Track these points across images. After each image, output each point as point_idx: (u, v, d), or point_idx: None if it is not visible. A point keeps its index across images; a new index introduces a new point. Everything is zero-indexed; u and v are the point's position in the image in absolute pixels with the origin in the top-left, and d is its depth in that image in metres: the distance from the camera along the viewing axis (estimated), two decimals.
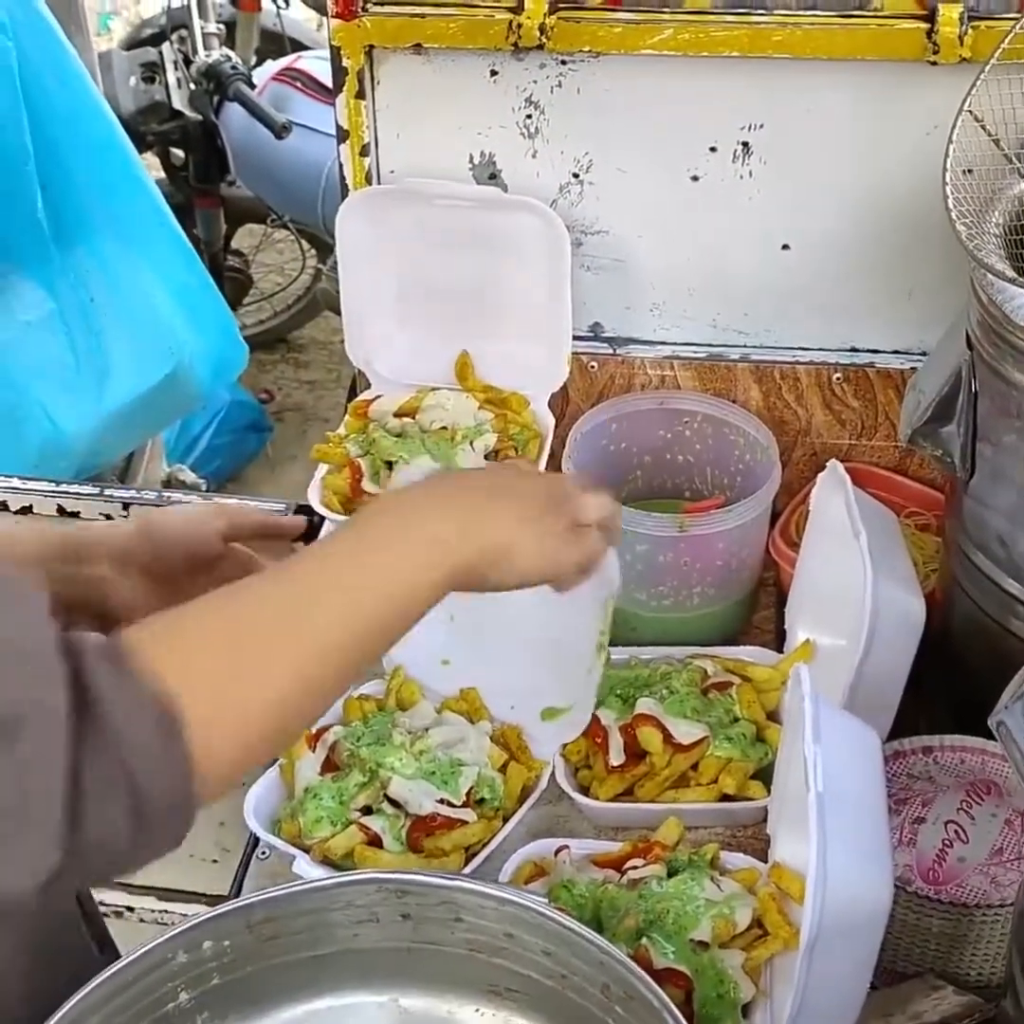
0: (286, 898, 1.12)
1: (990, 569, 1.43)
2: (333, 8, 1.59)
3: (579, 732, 1.45)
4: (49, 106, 2.08)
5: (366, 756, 1.42)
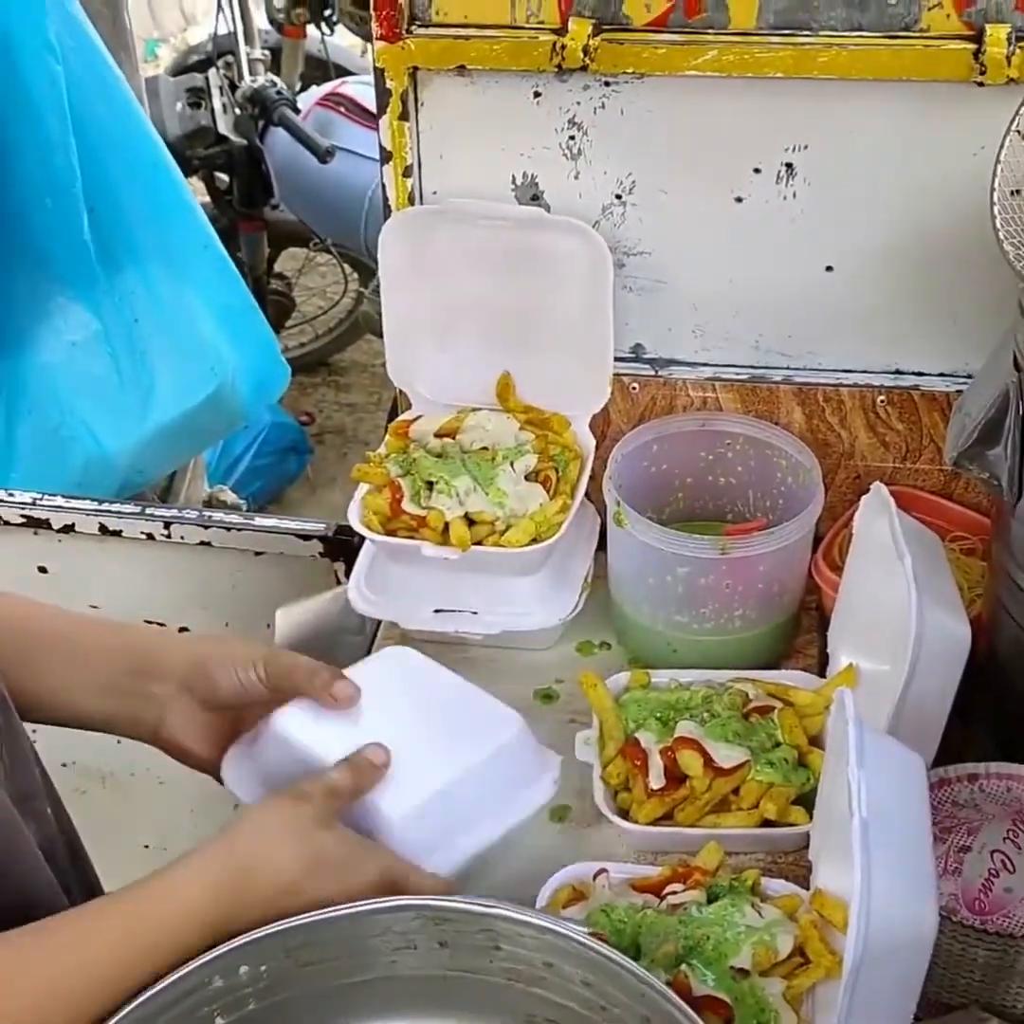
0: (325, 923, 1.11)
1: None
2: (378, 30, 1.60)
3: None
4: (97, 130, 2.10)
5: None
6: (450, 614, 1.67)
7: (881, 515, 1.48)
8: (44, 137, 2.04)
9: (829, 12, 1.54)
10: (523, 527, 1.60)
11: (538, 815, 1.40)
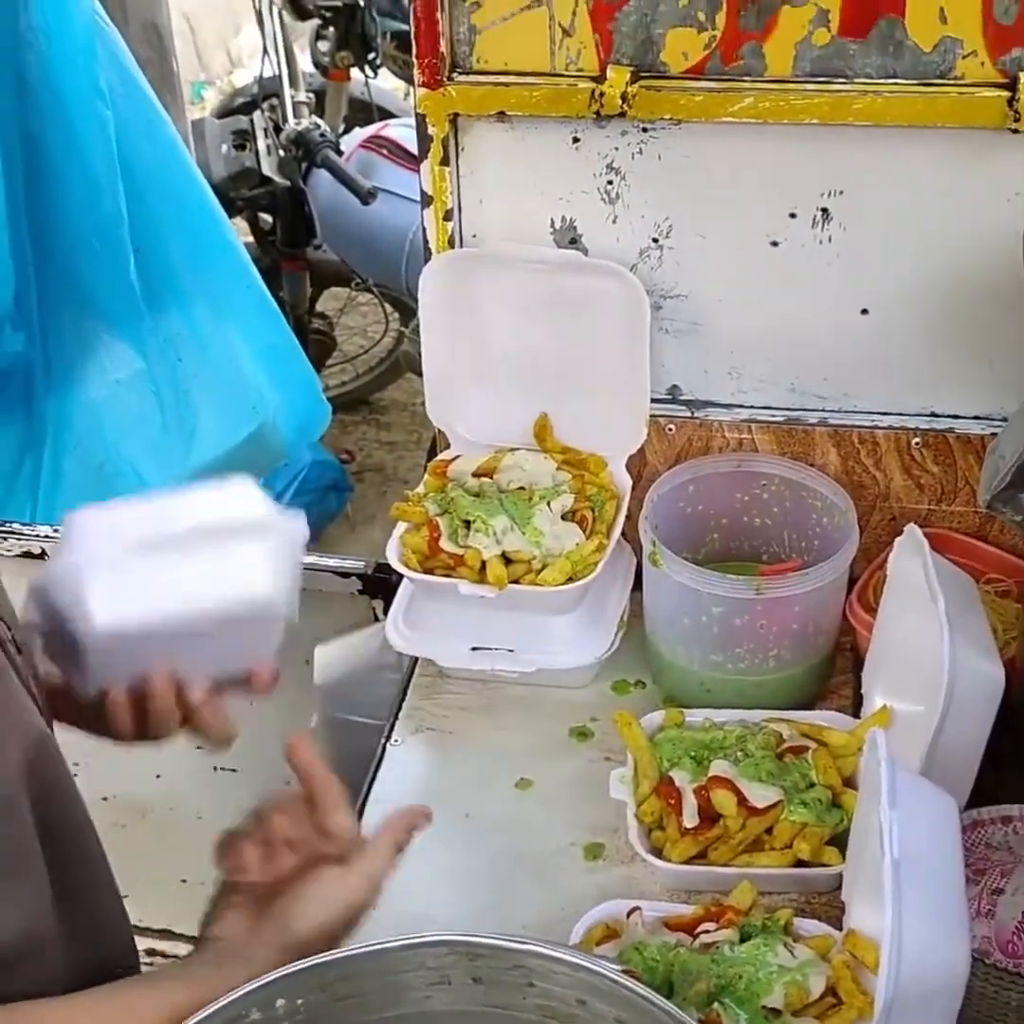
0: (360, 958, 1.12)
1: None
2: (420, 77, 1.63)
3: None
4: (144, 173, 2.14)
5: None
6: (487, 652, 1.69)
7: (915, 557, 1.49)
8: (93, 180, 2.09)
9: (864, 60, 1.56)
10: (559, 566, 1.62)
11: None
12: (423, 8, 1.59)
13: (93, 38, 2.05)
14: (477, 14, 1.60)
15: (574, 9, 1.58)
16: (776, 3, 1.54)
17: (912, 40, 1.54)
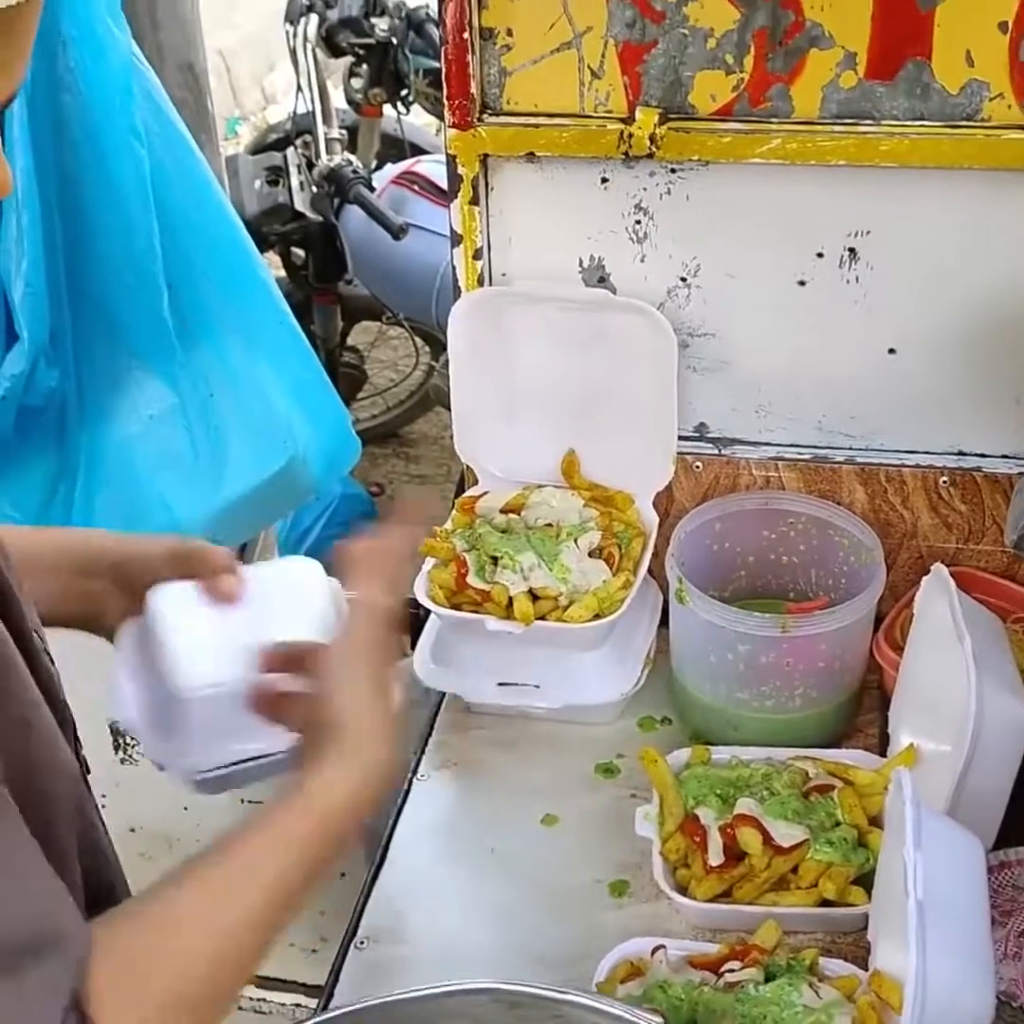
0: (400, 1004, 1.12)
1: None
2: (450, 118, 1.65)
3: None
4: (177, 210, 2.16)
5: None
6: (513, 688, 1.70)
7: (942, 596, 1.49)
8: (127, 217, 2.10)
9: (891, 102, 1.57)
10: (586, 603, 1.63)
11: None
12: (454, 51, 1.61)
13: (130, 79, 2.08)
14: (507, 56, 1.63)
15: (603, 52, 1.60)
16: (804, 46, 1.56)
17: (939, 83, 1.55)
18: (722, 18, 1.56)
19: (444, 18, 1.59)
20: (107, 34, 2.04)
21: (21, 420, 2.20)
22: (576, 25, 1.59)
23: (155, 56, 2.37)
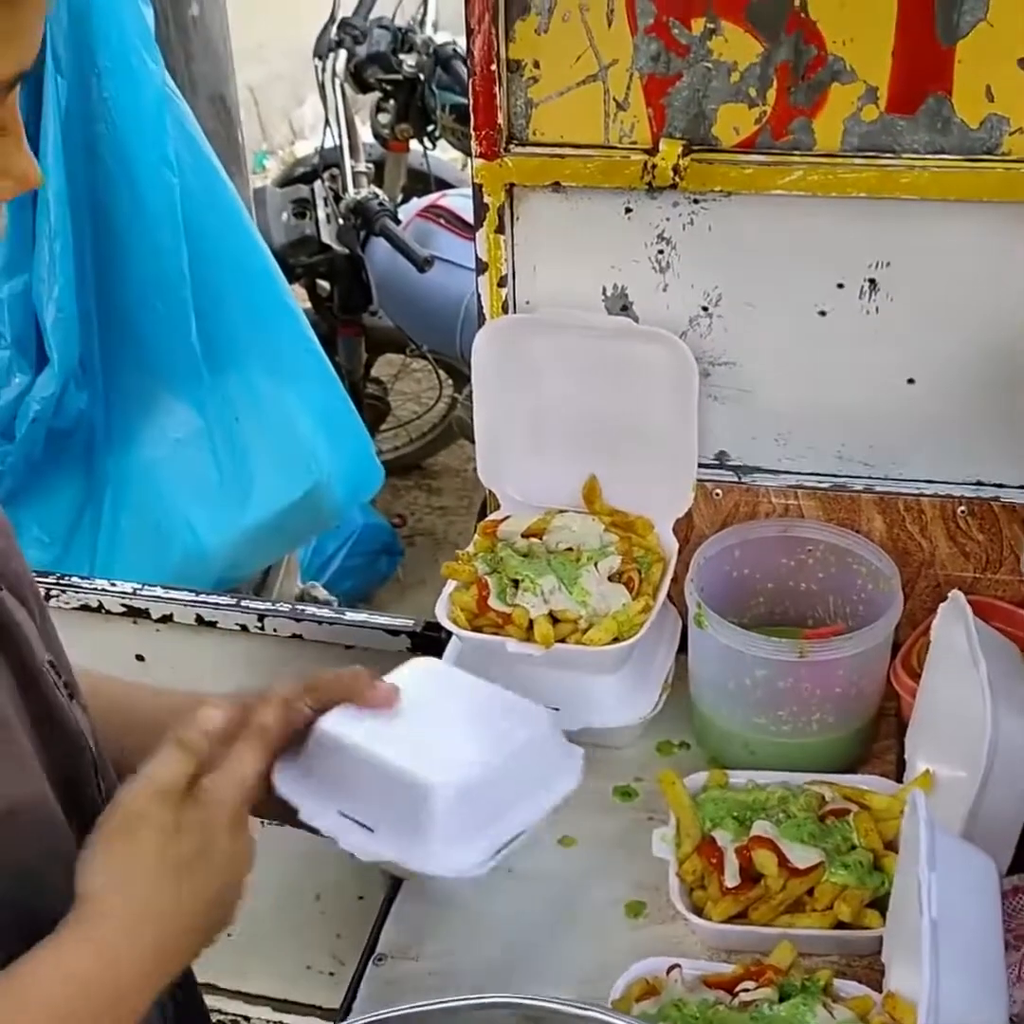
0: (420, 1016, 1.12)
1: None
2: (477, 148, 1.67)
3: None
4: (207, 238, 2.20)
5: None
6: None
7: (958, 622, 1.50)
8: (157, 244, 2.15)
9: (912, 136, 1.59)
10: (605, 626, 1.64)
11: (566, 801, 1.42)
12: (482, 82, 1.64)
13: (163, 109, 2.12)
14: (534, 88, 1.65)
15: (628, 84, 1.63)
16: (826, 81, 1.58)
17: (959, 117, 1.57)
18: (745, 52, 1.59)
19: (472, 50, 1.62)
20: (141, 65, 2.09)
21: (50, 442, 2.24)
22: (602, 58, 1.62)
23: (187, 87, 2.42)
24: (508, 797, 1.42)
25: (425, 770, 1.36)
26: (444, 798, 1.34)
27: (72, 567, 2.33)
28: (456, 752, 1.39)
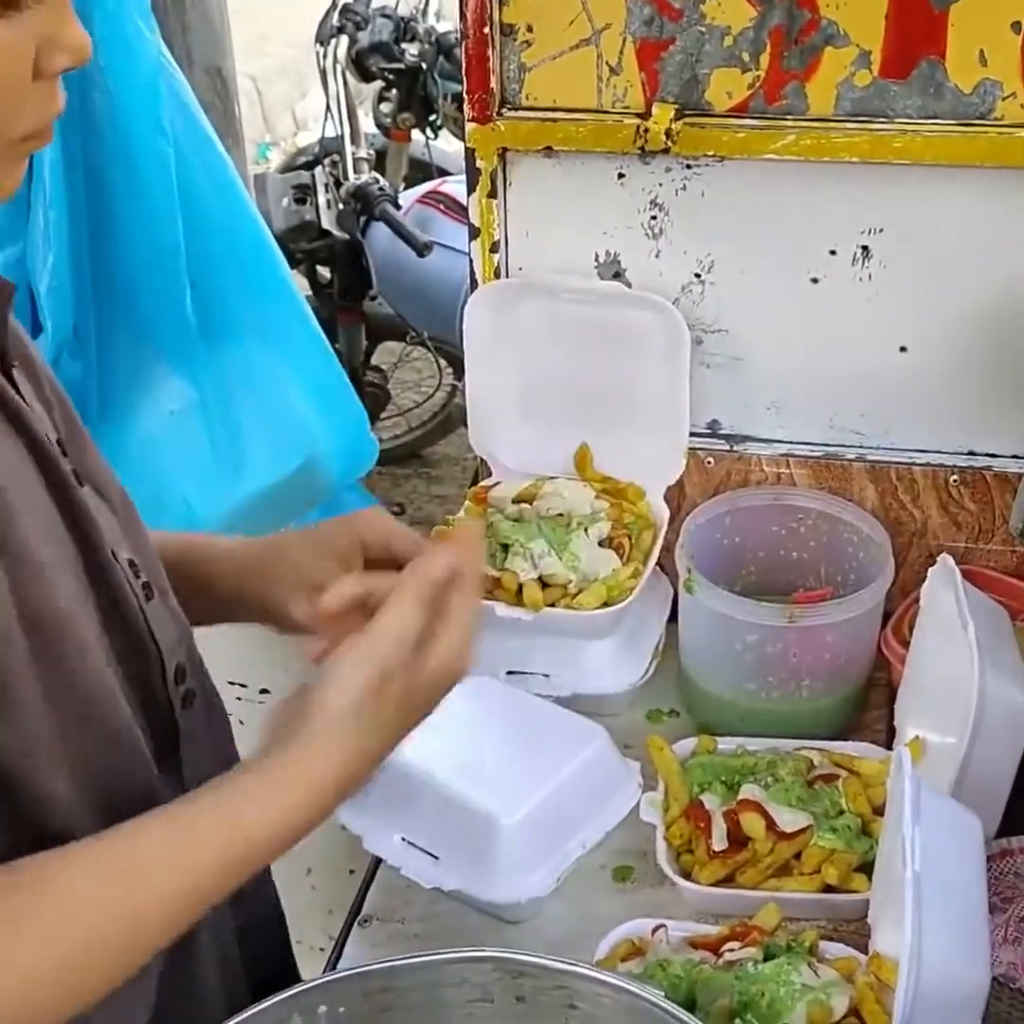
0: (402, 969, 1.11)
1: None
2: (470, 112, 1.67)
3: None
4: (203, 209, 2.19)
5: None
6: (522, 676, 1.70)
7: (947, 586, 1.49)
8: (153, 215, 2.14)
9: (905, 100, 1.59)
10: (595, 591, 1.64)
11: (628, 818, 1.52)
12: (474, 45, 1.64)
13: (158, 79, 2.11)
14: (527, 52, 1.65)
15: (621, 49, 1.63)
16: (819, 45, 1.58)
17: (952, 82, 1.57)
18: (739, 16, 1.59)
19: (465, 13, 1.62)
20: (137, 35, 2.08)
21: None
22: (595, 22, 1.62)
23: (184, 59, 2.42)
24: (569, 819, 1.50)
25: (489, 800, 1.44)
26: (508, 828, 1.43)
27: None
28: (517, 777, 1.47)
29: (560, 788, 1.49)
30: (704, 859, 1.48)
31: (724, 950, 1.36)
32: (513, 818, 1.44)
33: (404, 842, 1.50)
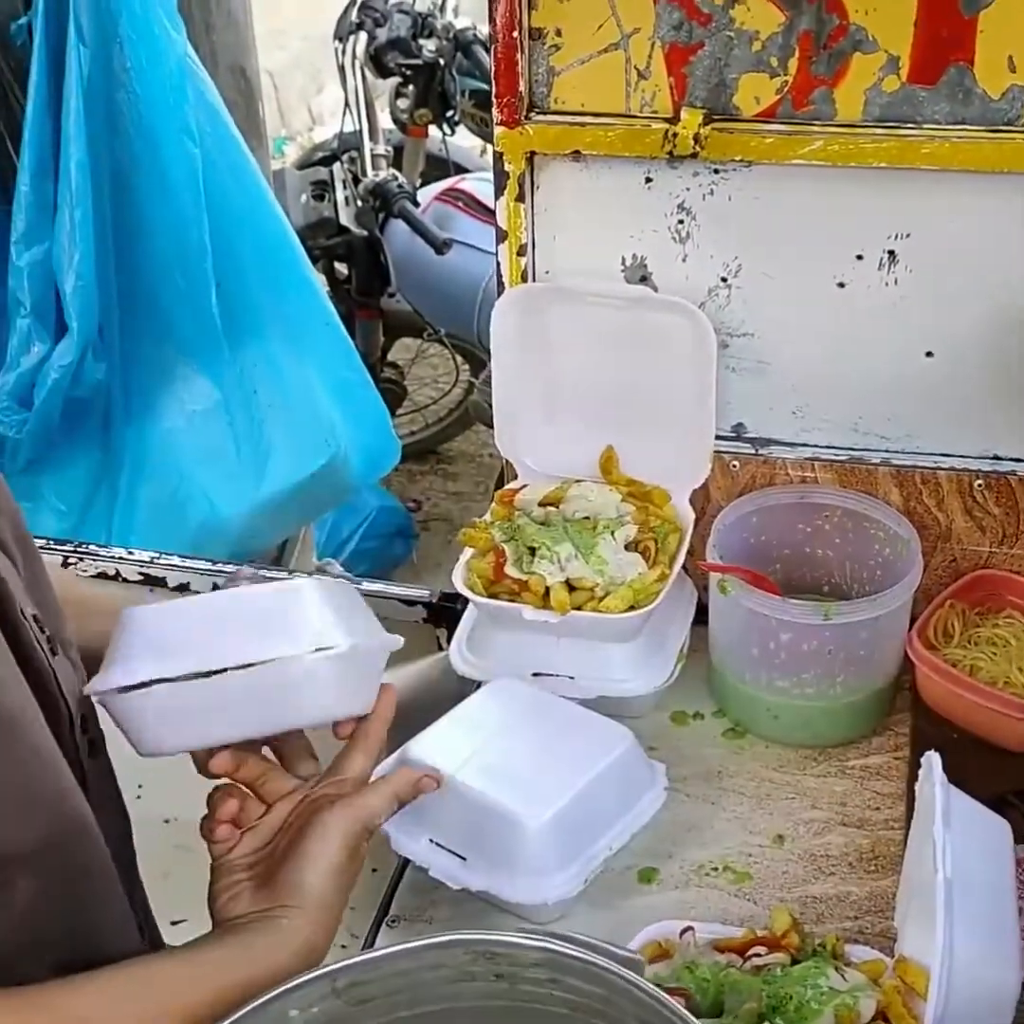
0: (369, 963, 1.10)
1: None
2: (498, 116, 1.67)
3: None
4: (227, 209, 2.20)
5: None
6: (548, 678, 1.71)
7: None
8: (178, 214, 2.15)
9: (933, 106, 1.59)
10: (621, 594, 1.64)
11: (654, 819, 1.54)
12: (503, 50, 1.64)
13: (184, 79, 2.13)
14: (556, 56, 1.65)
15: (650, 53, 1.63)
16: (847, 50, 1.58)
17: (981, 87, 1.57)
18: (767, 21, 1.59)
19: (495, 17, 1.62)
20: (163, 35, 2.10)
21: (68, 411, 2.25)
22: (624, 26, 1.62)
23: (209, 59, 2.43)
24: (596, 821, 1.51)
25: (517, 803, 1.45)
26: (535, 830, 1.44)
27: (89, 536, 2.33)
28: (544, 779, 1.47)
29: (587, 790, 1.50)
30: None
31: (751, 954, 1.36)
32: (540, 820, 1.45)
33: (432, 843, 1.52)
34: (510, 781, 1.48)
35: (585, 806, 1.49)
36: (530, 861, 1.46)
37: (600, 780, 1.51)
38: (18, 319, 2.25)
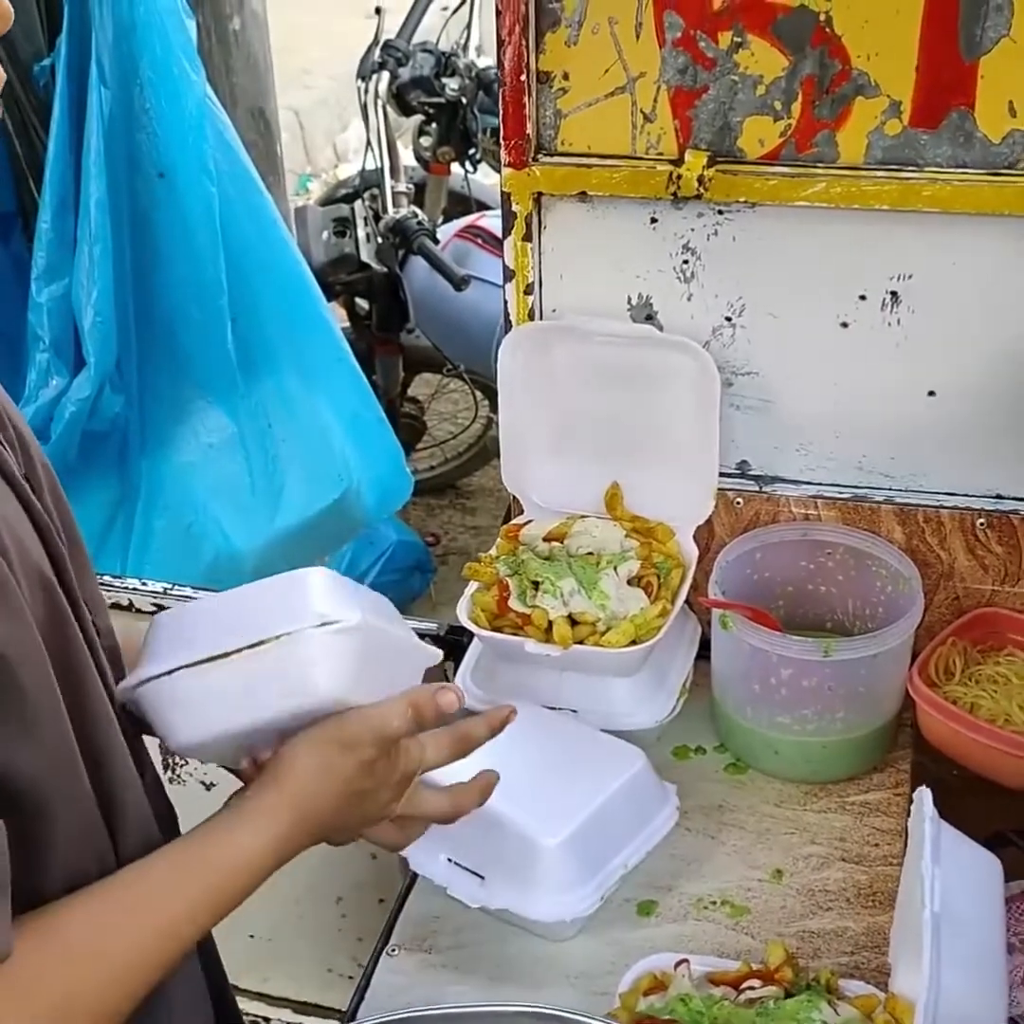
0: (450, 1018, 1.16)
1: None
2: (506, 157, 1.70)
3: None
4: (244, 247, 2.24)
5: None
6: (551, 711, 1.72)
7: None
8: (195, 252, 2.19)
9: (935, 150, 1.61)
10: (623, 629, 1.66)
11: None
12: (512, 93, 1.67)
13: (202, 120, 2.17)
14: (563, 99, 1.68)
15: (656, 96, 1.66)
16: (850, 94, 1.61)
17: (982, 132, 1.59)
18: (771, 66, 1.61)
19: (503, 61, 1.65)
20: (183, 77, 2.14)
21: (85, 444, 2.28)
22: (630, 70, 1.65)
23: (228, 100, 2.47)
24: (611, 840, 1.54)
25: (534, 822, 1.48)
26: (552, 849, 1.47)
27: (104, 567, 2.35)
28: (560, 799, 1.50)
29: (602, 809, 1.52)
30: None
31: (745, 987, 1.37)
32: (558, 839, 1.48)
33: (450, 862, 1.53)
34: (527, 801, 1.50)
35: (601, 825, 1.51)
36: (548, 879, 1.48)
37: (615, 799, 1.53)
38: (37, 353, 2.29)
